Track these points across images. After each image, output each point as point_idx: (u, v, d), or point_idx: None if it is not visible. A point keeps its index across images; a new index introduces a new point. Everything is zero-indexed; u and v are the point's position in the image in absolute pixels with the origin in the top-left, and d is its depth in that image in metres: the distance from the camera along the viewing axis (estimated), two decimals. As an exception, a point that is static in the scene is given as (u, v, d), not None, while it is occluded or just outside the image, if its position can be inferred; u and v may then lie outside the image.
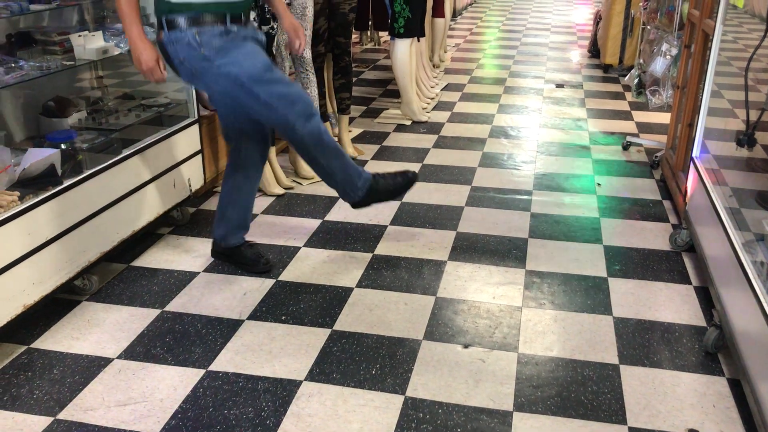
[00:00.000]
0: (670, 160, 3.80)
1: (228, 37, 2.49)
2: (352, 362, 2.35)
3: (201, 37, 2.44)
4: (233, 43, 2.50)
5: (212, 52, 2.46)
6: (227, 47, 2.48)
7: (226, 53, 2.48)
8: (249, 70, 2.49)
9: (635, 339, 2.50)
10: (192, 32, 2.44)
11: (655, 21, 4.35)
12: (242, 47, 2.51)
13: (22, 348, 2.42)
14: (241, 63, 2.49)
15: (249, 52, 2.52)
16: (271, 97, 2.54)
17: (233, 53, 2.49)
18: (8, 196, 2.42)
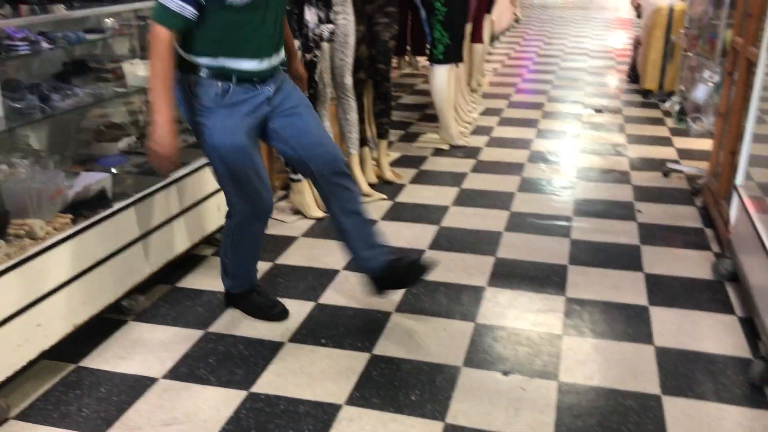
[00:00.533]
0: (713, 187, 3.76)
1: (220, 101, 2.34)
2: (392, 387, 2.37)
3: (195, 88, 2.34)
4: (222, 107, 2.35)
5: (198, 105, 2.35)
6: (213, 110, 2.35)
7: (208, 114, 2.35)
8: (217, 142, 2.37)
9: (678, 369, 2.47)
10: (189, 79, 2.33)
11: (696, 48, 4.34)
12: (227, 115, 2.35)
13: (71, 366, 2.49)
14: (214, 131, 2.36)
15: (228, 126, 2.36)
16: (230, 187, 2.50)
17: (214, 119, 2.35)
18: (61, 218, 2.51)
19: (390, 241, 3.51)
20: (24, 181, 2.49)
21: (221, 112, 2.35)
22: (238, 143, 2.38)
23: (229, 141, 2.37)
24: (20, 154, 2.61)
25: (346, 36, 3.80)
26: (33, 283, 2.29)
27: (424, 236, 3.57)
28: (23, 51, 2.60)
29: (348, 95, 3.96)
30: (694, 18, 4.51)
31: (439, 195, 4.17)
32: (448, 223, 3.74)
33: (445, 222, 3.77)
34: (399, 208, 3.97)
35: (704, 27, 4.27)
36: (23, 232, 2.35)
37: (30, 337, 2.28)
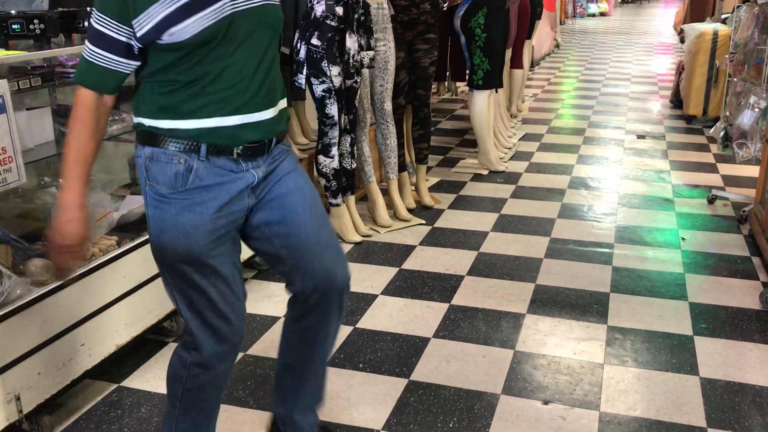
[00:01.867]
0: (760, 215, 3.67)
1: (182, 184, 1.66)
2: (430, 414, 2.35)
3: (150, 164, 1.67)
4: (182, 197, 1.66)
5: (150, 191, 1.69)
6: (169, 199, 1.66)
7: (160, 204, 1.68)
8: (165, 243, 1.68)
9: (724, 402, 2.40)
10: (145, 153, 1.68)
11: (742, 73, 4.27)
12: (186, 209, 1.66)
13: (113, 386, 2.53)
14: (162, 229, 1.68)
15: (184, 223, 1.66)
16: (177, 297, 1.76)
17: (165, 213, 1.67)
18: (107, 240, 2.57)
19: (429, 266, 3.51)
20: (72, 203, 2.56)
21: (178, 203, 1.66)
22: (192, 252, 1.67)
23: (181, 246, 1.67)
24: (69, 178, 2.68)
25: (386, 62, 3.84)
26: (78, 304, 2.34)
27: (462, 262, 3.56)
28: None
29: (387, 121, 3.99)
30: (740, 43, 4.44)
31: (478, 220, 4.15)
32: (487, 249, 3.72)
33: (484, 248, 3.74)
34: (437, 234, 3.96)
35: (750, 52, 4.20)
36: (70, 253, 2.41)
37: (74, 356, 2.33)
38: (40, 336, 2.20)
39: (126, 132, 2.80)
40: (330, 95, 3.50)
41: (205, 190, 1.67)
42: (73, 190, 1.67)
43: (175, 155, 1.66)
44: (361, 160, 3.97)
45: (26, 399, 2.15)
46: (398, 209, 4.14)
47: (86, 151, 1.67)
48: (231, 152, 1.68)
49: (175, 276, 1.72)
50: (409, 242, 3.83)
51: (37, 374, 2.19)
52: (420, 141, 4.37)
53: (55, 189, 2.64)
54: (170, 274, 1.73)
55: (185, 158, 1.66)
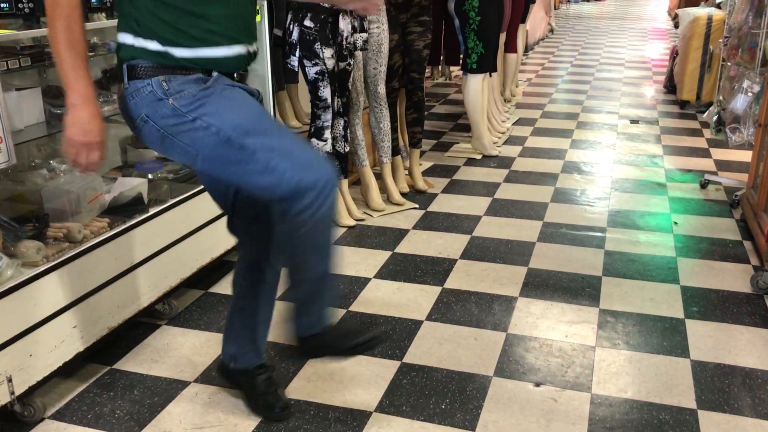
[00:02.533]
0: (752, 199, 3.68)
1: (205, 85, 1.80)
2: (422, 396, 2.35)
3: (170, 84, 1.76)
4: (212, 91, 1.80)
5: (184, 102, 1.76)
6: (204, 96, 1.78)
7: (202, 103, 1.78)
8: (235, 120, 1.78)
9: (714, 384, 2.42)
10: (158, 79, 1.75)
11: (735, 57, 4.26)
12: (225, 96, 1.81)
13: (105, 368, 2.53)
14: (222, 114, 1.78)
15: (235, 99, 1.82)
16: (271, 154, 1.79)
17: (213, 103, 1.78)
18: (98, 222, 2.55)
19: (422, 250, 3.51)
20: (63, 185, 2.55)
21: (213, 93, 1.79)
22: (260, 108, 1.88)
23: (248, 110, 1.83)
24: (60, 159, 2.66)
25: (379, 45, 3.82)
26: (70, 286, 2.33)
27: (455, 246, 3.56)
28: (65, 58, 2.65)
29: (381, 104, 3.97)
30: (734, 27, 4.43)
31: (471, 205, 4.15)
32: (480, 233, 3.73)
33: (477, 232, 3.75)
34: (431, 218, 3.96)
35: (744, 36, 4.20)
36: (62, 235, 2.40)
37: (66, 338, 2.32)
38: (32, 318, 2.19)
39: (117, 113, 2.78)
40: (323, 78, 3.48)
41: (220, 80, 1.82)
42: (82, 84, 1.69)
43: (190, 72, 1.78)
44: (354, 144, 3.96)
45: (18, 381, 2.15)
46: (391, 193, 4.14)
47: (81, 41, 1.69)
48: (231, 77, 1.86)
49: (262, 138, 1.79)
50: (402, 226, 3.83)
51: (28, 356, 2.18)
52: (414, 125, 4.35)
53: (45, 171, 2.62)
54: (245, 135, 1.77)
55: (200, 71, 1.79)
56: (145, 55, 1.76)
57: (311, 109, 3.62)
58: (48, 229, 2.41)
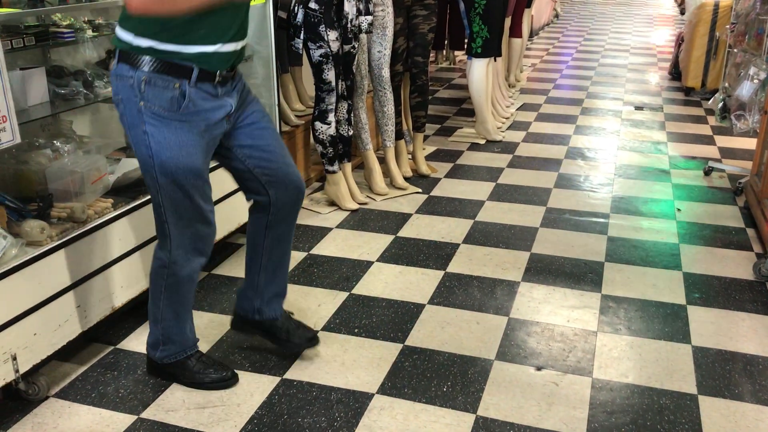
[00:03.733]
0: (755, 186, 3.68)
1: (176, 108, 1.93)
2: (424, 378, 2.37)
3: (147, 88, 1.90)
4: (175, 120, 1.94)
5: (148, 112, 1.92)
6: (166, 121, 1.93)
7: (158, 127, 1.93)
8: (168, 160, 1.95)
9: (715, 369, 2.43)
10: (139, 77, 1.90)
11: (742, 44, 4.24)
12: (180, 134, 1.95)
13: (109, 348, 2.54)
14: (164, 147, 1.95)
15: (185, 144, 1.96)
16: (168, 208, 2.04)
17: (166, 133, 1.94)
18: (102, 202, 2.56)
19: (425, 234, 3.52)
20: (67, 165, 2.55)
21: (176, 124, 1.94)
22: (194, 166, 1.99)
23: (184, 162, 1.96)
24: (64, 139, 2.66)
25: (384, 28, 3.80)
26: (74, 265, 2.34)
27: (458, 230, 3.56)
28: (68, 38, 2.65)
29: (385, 87, 3.96)
30: (741, 13, 4.40)
31: (475, 189, 4.15)
32: (483, 218, 3.73)
33: (480, 216, 3.75)
34: (434, 202, 3.96)
35: (751, 23, 4.16)
36: (65, 214, 2.41)
37: (70, 317, 2.33)
38: (36, 297, 2.20)
39: (121, 94, 2.77)
40: (327, 60, 3.47)
41: (196, 114, 1.96)
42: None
43: (171, 81, 1.91)
44: (358, 128, 3.95)
45: (22, 359, 2.16)
46: (395, 177, 4.13)
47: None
48: (213, 78, 1.96)
49: (171, 187, 2.00)
50: (405, 210, 3.83)
51: (33, 335, 2.19)
52: (417, 109, 4.34)
53: (50, 151, 2.62)
54: (166, 185, 1.99)
55: (179, 83, 1.91)
56: (134, 48, 1.91)
57: (315, 91, 3.61)
58: (52, 208, 2.41)
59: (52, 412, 2.20)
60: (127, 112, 1.96)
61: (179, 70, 1.91)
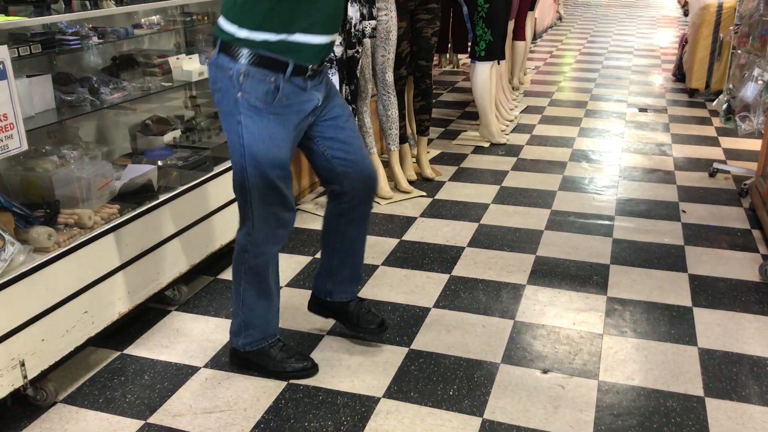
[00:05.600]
0: (761, 188, 3.67)
1: (271, 101, 2.07)
2: (430, 382, 2.37)
3: (245, 80, 2.04)
4: (270, 113, 2.08)
5: (245, 103, 2.06)
6: (261, 112, 2.07)
7: (253, 117, 2.08)
8: (259, 151, 2.09)
9: (722, 371, 2.42)
10: (238, 69, 2.04)
11: (746, 45, 4.23)
12: (273, 125, 2.09)
13: (116, 353, 2.55)
14: (257, 137, 2.08)
15: (277, 135, 2.10)
16: (253, 195, 2.16)
17: (259, 124, 2.08)
18: (109, 208, 2.57)
19: (429, 237, 3.52)
20: (73, 171, 2.56)
21: (269, 117, 2.08)
22: (281, 158, 2.12)
23: (273, 154, 2.10)
24: (70, 146, 2.68)
25: (388, 32, 3.81)
26: (81, 271, 2.35)
27: (463, 233, 3.56)
28: (74, 45, 2.67)
29: (389, 91, 3.97)
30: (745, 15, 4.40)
31: (479, 193, 4.15)
32: (488, 221, 3.73)
33: (484, 219, 3.75)
34: (438, 206, 3.96)
35: (755, 24, 4.16)
36: (72, 221, 2.42)
37: (77, 323, 2.35)
38: (44, 303, 2.21)
39: (127, 101, 2.79)
40: (331, 65, 3.48)
41: (288, 107, 2.10)
42: None
43: (268, 74, 2.04)
44: (362, 132, 3.96)
45: (30, 365, 2.17)
46: (399, 181, 4.14)
47: None
48: (305, 72, 2.09)
49: (258, 175, 2.11)
50: (409, 214, 3.83)
51: (41, 341, 2.20)
52: (421, 112, 4.35)
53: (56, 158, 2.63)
54: (254, 173, 2.11)
55: (274, 77, 2.04)
56: (233, 39, 2.04)
57: (319, 96, 3.62)
58: (59, 215, 2.42)
59: (60, 417, 2.21)
60: (225, 101, 2.10)
61: (276, 64, 2.04)
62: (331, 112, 2.27)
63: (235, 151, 2.14)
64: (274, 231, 2.24)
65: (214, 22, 3.39)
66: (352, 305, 2.55)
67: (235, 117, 2.09)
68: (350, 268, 2.52)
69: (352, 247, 2.48)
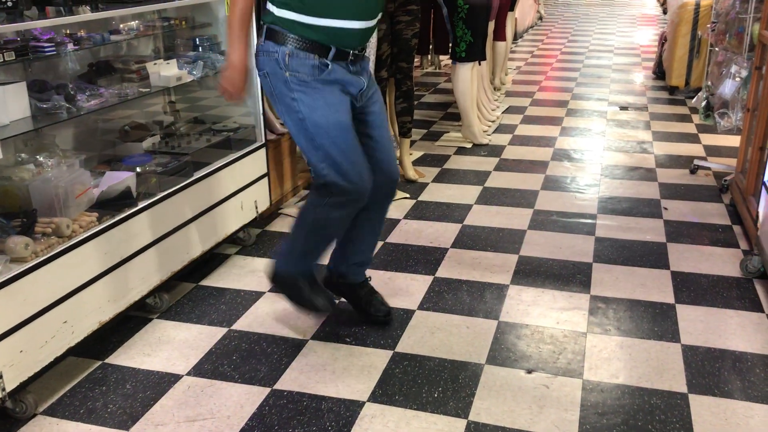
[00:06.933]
0: (740, 184, 3.70)
1: (318, 74, 2.20)
2: (415, 385, 2.36)
3: (291, 60, 2.18)
4: (319, 83, 2.21)
5: (294, 80, 2.20)
6: (311, 86, 2.21)
7: (305, 91, 2.21)
8: (320, 120, 2.22)
9: (705, 367, 2.43)
10: (284, 51, 2.18)
11: (723, 43, 4.27)
12: (326, 95, 2.22)
13: (97, 363, 2.52)
14: (314, 109, 2.22)
15: (332, 104, 2.23)
16: (327, 158, 2.27)
17: (313, 96, 2.21)
18: (87, 217, 2.54)
19: (413, 239, 3.51)
20: (50, 180, 2.53)
21: (321, 87, 2.20)
22: (342, 121, 2.23)
23: (334, 118, 2.22)
24: (47, 154, 2.64)
25: (368, 34, 3.80)
26: (59, 281, 2.32)
27: (446, 234, 3.56)
28: (49, 52, 2.63)
29: (370, 94, 3.95)
30: (721, 13, 4.43)
31: (462, 193, 4.16)
32: (471, 222, 3.73)
33: (468, 220, 3.75)
34: (422, 207, 3.96)
35: (731, 21, 4.20)
36: (50, 230, 2.39)
37: (57, 333, 2.32)
38: (21, 314, 2.18)
39: (104, 107, 2.76)
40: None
41: (335, 81, 2.23)
42: (238, 50, 2.24)
43: (311, 55, 2.17)
44: (343, 134, 3.94)
45: (9, 377, 2.14)
46: (382, 183, 4.13)
47: (247, 17, 2.23)
48: (347, 57, 2.22)
49: (327, 142, 2.23)
50: (393, 216, 3.82)
51: (19, 352, 2.17)
52: (403, 114, 4.34)
53: (33, 166, 2.60)
54: (328, 140, 2.22)
55: (318, 57, 2.18)
56: (279, 21, 2.19)
57: (300, 99, 3.60)
58: (36, 224, 2.39)
59: (40, 429, 2.18)
60: (274, 84, 2.23)
61: (319, 48, 2.18)
62: (371, 106, 2.39)
63: (298, 128, 2.26)
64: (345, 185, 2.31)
65: (193, 27, 3.41)
66: (363, 290, 2.70)
67: (288, 96, 2.22)
68: (363, 255, 2.65)
69: (367, 238, 2.62)
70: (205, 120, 3.61)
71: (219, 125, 3.50)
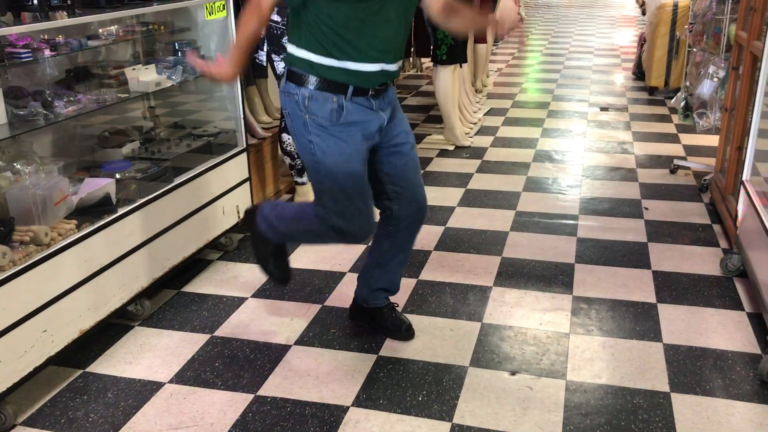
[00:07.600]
0: (720, 183, 3.73)
1: (336, 119, 2.21)
2: (399, 388, 2.36)
3: (310, 102, 2.20)
4: (337, 128, 2.22)
5: (312, 123, 2.22)
6: (328, 132, 2.22)
7: (322, 136, 2.22)
8: (332, 166, 2.23)
9: (686, 366, 2.45)
10: (303, 94, 2.20)
11: (701, 43, 4.31)
12: (341, 142, 2.22)
13: (78, 372, 2.49)
14: (328, 154, 2.23)
15: (345, 152, 2.23)
16: (334, 205, 2.30)
17: (329, 142, 2.22)
18: (66, 224, 2.51)
19: (395, 242, 3.50)
20: (28, 187, 2.50)
21: (338, 132, 2.22)
22: (354, 170, 2.25)
23: (344, 167, 2.24)
24: (24, 161, 2.61)
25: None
26: (39, 290, 2.30)
27: (429, 237, 3.56)
28: (26, 58, 2.60)
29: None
30: (699, 14, 4.48)
31: (445, 196, 4.16)
32: (454, 224, 3.73)
33: (450, 222, 3.76)
34: (404, 210, 3.95)
35: (708, 22, 4.24)
36: (28, 238, 2.36)
37: (36, 343, 2.29)
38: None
39: (82, 113, 2.74)
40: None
41: (353, 124, 2.23)
42: (234, 65, 2.24)
43: (330, 96, 2.19)
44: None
45: (-13, 388, 2.11)
46: (364, 186, 4.12)
47: (254, 39, 2.26)
48: (367, 93, 2.22)
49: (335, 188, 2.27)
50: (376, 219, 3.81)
51: (-3, 362, 2.14)
52: (385, 117, 4.33)
53: (10, 174, 2.56)
54: (336, 186, 2.26)
55: (336, 98, 2.19)
56: (298, 62, 2.21)
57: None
58: (14, 232, 2.36)
59: (20, 440, 2.16)
60: (295, 124, 2.28)
61: (337, 87, 2.19)
62: (395, 138, 2.37)
63: (311, 168, 2.30)
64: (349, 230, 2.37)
65: (173, 31, 3.39)
66: (384, 312, 2.68)
67: (305, 137, 2.25)
68: (388, 281, 2.63)
69: (394, 265, 2.60)
70: (185, 125, 3.59)
71: (199, 130, 3.48)
